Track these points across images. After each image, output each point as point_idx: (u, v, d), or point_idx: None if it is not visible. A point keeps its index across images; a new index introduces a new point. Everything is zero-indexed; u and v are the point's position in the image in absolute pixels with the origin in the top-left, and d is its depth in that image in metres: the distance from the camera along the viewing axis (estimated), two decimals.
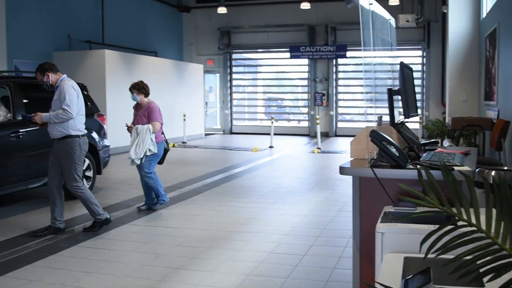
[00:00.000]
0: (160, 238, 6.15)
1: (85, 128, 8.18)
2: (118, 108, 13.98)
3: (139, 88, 7.48)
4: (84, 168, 8.26)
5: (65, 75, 6.30)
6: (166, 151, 7.80)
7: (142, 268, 5.10)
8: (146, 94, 7.55)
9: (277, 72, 23.33)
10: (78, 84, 8.79)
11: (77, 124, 6.20)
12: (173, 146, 16.75)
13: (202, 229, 6.51)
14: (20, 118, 7.35)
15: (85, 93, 8.83)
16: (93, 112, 8.87)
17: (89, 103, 8.79)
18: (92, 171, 8.54)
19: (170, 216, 7.24)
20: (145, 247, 5.80)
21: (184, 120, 17.74)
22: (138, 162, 7.29)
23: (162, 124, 7.50)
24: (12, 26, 13.06)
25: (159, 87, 17.20)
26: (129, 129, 7.45)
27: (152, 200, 7.60)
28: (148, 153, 7.27)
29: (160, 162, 7.79)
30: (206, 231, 6.41)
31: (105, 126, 9.00)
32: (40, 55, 14.31)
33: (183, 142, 17.56)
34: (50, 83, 6.20)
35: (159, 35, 20.54)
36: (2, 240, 6.02)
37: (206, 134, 20.86)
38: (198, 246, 5.78)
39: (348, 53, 20.27)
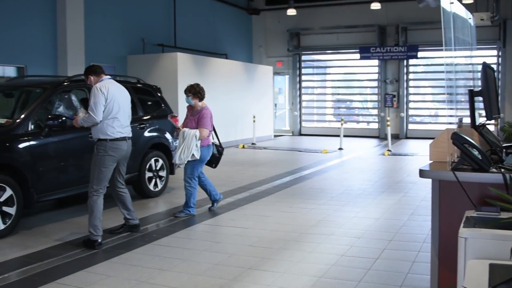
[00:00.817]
0: (231, 238, 6.21)
1: (157, 129, 8.38)
2: None
3: (195, 92, 7.34)
4: (157, 168, 8.49)
5: (105, 77, 6.16)
6: (218, 155, 7.75)
7: (214, 267, 5.16)
8: (201, 98, 7.39)
9: (346, 74, 23.09)
10: (152, 86, 9.08)
11: (106, 128, 5.96)
12: (243, 147, 16.91)
13: (273, 230, 6.53)
14: None
15: (159, 94, 9.04)
16: (167, 113, 9.04)
17: (162, 105, 8.99)
18: (165, 171, 8.72)
19: (241, 217, 7.29)
20: (217, 247, 5.87)
21: (254, 121, 17.85)
22: (182, 166, 7.28)
23: (210, 131, 7.37)
24: (89, 31, 13.53)
25: (229, 89, 17.41)
26: (178, 131, 7.43)
27: (215, 195, 7.64)
28: (191, 159, 7.10)
29: (214, 166, 7.79)
30: (277, 232, 6.42)
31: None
32: (115, 59, 14.79)
33: (252, 144, 17.67)
34: (92, 85, 6.10)
35: (229, 37, 20.75)
36: (79, 237, 6.23)
37: (275, 136, 20.89)
38: (270, 247, 5.80)
39: (419, 54, 19.80)
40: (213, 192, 7.64)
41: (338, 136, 16.99)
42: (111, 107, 5.96)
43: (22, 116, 6.67)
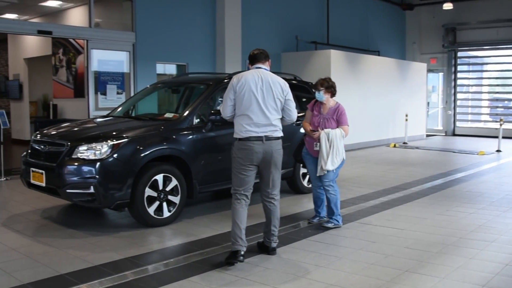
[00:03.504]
0: (387, 239, 6.10)
1: None
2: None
3: (328, 86, 6.61)
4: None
5: (254, 66, 5.50)
6: None
7: (370, 267, 5.11)
8: (333, 94, 6.69)
9: (505, 71, 21.61)
10: (308, 83, 9.15)
11: (236, 126, 5.35)
12: (394, 146, 16.55)
13: (430, 233, 6.32)
14: None
15: (314, 90, 9.08)
16: None
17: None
18: None
19: (396, 217, 7.14)
20: (372, 246, 5.80)
21: (406, 120, 17.36)
22: (326, 172, 6.52)
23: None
24: (245, 30, 13.99)
25: (382, 86, 17.11)
26: (312, 132, 6.61)
27: (323, 211, 6.87)
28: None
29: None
30: (435, 236, 6.21)
31: None
32: (270, 56, 15.09)
33: (404, 143, 17.21)
34: None
35: (381, 34, 20.38)
36: (226, 231, 6.45)
37: (427, 135, 20.20)
38: (428, 250, 5.62)
39: None
40: (324, 207, 6.90)
41: (495, 137, 16.03)
42: (241, 102, 5.25)
43: (188, 111, 7.04)
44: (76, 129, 7.21)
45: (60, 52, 15.33)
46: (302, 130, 8.16)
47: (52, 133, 7.00)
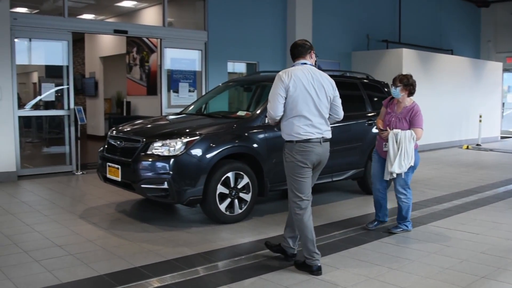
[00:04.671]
0: (462, 243, 5.93)
1: None
2: None
3: (407, 83, 6.15)
4: None
5: (297, 62, 5.06)
6: None
7: (445, 272, 4.98)
8: (411, 93, 6.21)
9: None
10: (380, 82, 9.02)
11: (291, 127, 4.91)
12: (467, 148, 16.10)
13: (508, 239, 6.09)
14: None
15: (386, 90, 8.95)
16: None
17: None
18: None
19: (470, 221, 6.93)
20: (447, 250, 5.65)
21: (480, 121, 16.83)
22: (395, 175, 6.21)
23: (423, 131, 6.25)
24: (316, 28, 13.93)
25: (455, 86, 16.68)
26: (382, 132, 6.28)
27: (384, 215, 6.56)
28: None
29: None
30: None
31: None
32: (340, 55, 15.05)
33: (477, 145, 16.69)
34: None
35: (455, 32, 19.85)
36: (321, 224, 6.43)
37: (501, 137, 19.51)
38: (505, 257, 5.42)
39: None
40: (385, 211, 6.58)
41: None
42: (295, 102, 4.83)
43: (260, 109, 7.07)
44: (150, 125, 7.39)
45: (134, 51, 15.76)
46: (374, 130, 8.06)
47: (128, 129, 7.20)
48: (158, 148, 6.35)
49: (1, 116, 9.44)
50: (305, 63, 5.01)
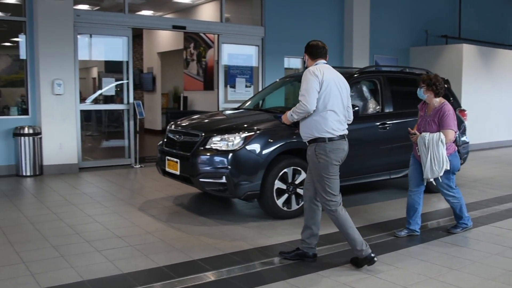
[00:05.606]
0: None
1: None
2: (475, 104, 13.53)
3: (430, 83, 5.81)
4: None
5: (320, 61, 5.05)
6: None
7: (508, 273, 4.84)
8: (437, 93, 5.81)
9: None
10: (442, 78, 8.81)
11: (323, 123, 4.89)
12: None
13: None
14: (387, 111, 7.67)
15: (446, 86, 8.74)
16: (455, 107, 8.72)
17: (451, 98, 8.69)
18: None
19: None
20: (509, 252, 5.48)
21: None
22: (431, 181, 5.92)
23: (456, 132, 5.84)
24: (374, 24, 13.76)
25: None
26: (413, 136, 5.99)
27: (415, 224, 6.11)
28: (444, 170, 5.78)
29: None
30: None
31: (465, 122, 8.76)
32: (398, 51, 14.82)
33: None
34: (306, 66, 5.19)
35: None
36: (373, 223, 6.40)
37: None
38: None
39: None
40: (417, 219, 6.12)
41: None
42: (328, 97, 4.87)
43: None
44: (208, 120, 7.46)
45: (191, 47, 15.95)
46: None
47: (187, 123, 7.29)
48: (217, 142, 6.41)
49: (64, 110, 9.74)
50: (326, 63, 5.08)
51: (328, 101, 4.86)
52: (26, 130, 9.50)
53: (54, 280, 4.53)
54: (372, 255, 4.92)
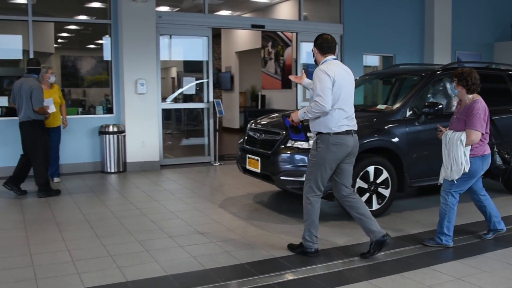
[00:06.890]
0: None
1: None
2: None
3: (461, 78, 5.37)
4: None
5: (329, 57, 5.07)
6: (504, 166, 6.06)
7: None
8: (469, 89, 5.34)
9: None
10: None
11: (329, 120, 4.95)
12: None
13: None
14: None
15: None
16: None
17: None
18: None
19: None
20: None
21: None
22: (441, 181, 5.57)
23: (483, 134, 5.31)
24: (456, 18, 13.33)
25: None
26: (439, 133, 5.62)
27: (496, 222, 5.77)
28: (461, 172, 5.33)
29: (500, 179, 6.17)
30: None
31: None
32: (481, 46, 14.30)
33: None
34: (314, 59, 5.20)
35: None
36: (462, 223, 6.22)
37: None
38: None
39: None
40: (495, 219, 5.79)
41: None
42: (338, 95, 4.91)
43: (401, 103, 6.90)
44: None
45: (269, 45, 15.99)
46: None
47: (267, 122, 7.31)
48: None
49: (147, 109, 10.00)
50: (336, 59, 5.15)
51: (338, 100, 4.94)
52: (110, 129, 9.84)
53: (139, 274, 4.66)
54: (317, 248, 5.19)
